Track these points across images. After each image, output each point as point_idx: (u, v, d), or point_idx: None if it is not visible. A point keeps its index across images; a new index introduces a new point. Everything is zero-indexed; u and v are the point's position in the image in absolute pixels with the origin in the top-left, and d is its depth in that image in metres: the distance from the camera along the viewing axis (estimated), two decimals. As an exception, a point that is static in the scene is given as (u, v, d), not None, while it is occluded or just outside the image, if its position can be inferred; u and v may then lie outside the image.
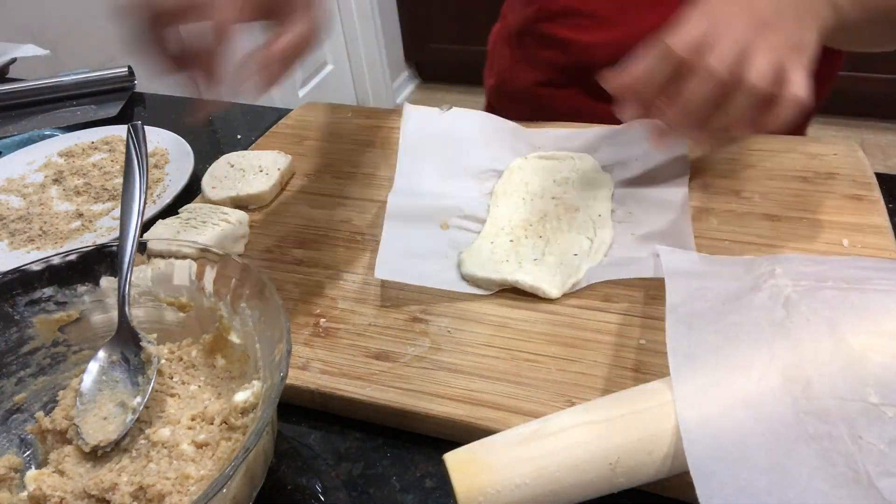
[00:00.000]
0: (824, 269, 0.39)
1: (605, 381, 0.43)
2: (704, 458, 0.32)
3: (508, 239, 0.56)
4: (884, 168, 2.11)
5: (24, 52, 1.06)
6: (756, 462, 0.32)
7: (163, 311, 0.46)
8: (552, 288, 0.50)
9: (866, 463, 0.31)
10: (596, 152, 0.64)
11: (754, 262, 0.43)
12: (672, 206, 0.56)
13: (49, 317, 0.44)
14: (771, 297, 0.38)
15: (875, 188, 0.57)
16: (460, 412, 0.42)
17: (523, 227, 0.57)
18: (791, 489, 0.31)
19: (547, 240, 0.55)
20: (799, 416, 0.32)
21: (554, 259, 0.52)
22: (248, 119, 0.87)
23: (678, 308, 0.41)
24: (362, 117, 0.78)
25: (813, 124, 0.84)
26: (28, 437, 0.42)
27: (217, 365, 0.44)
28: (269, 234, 0.61)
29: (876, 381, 0.32)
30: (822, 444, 0.31)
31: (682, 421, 0.33)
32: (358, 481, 0.42)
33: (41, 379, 0.44)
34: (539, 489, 0.34)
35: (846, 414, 0.32)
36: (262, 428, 0.32)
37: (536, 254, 0.54)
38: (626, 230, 0.55)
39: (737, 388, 0.34)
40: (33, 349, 0.44)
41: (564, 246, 0.54)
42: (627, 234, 0.55)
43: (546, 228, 0.56)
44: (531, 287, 0.50)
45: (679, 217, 0.55)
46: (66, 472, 0.39)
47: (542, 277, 0.50)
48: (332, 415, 0.46)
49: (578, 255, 0.52)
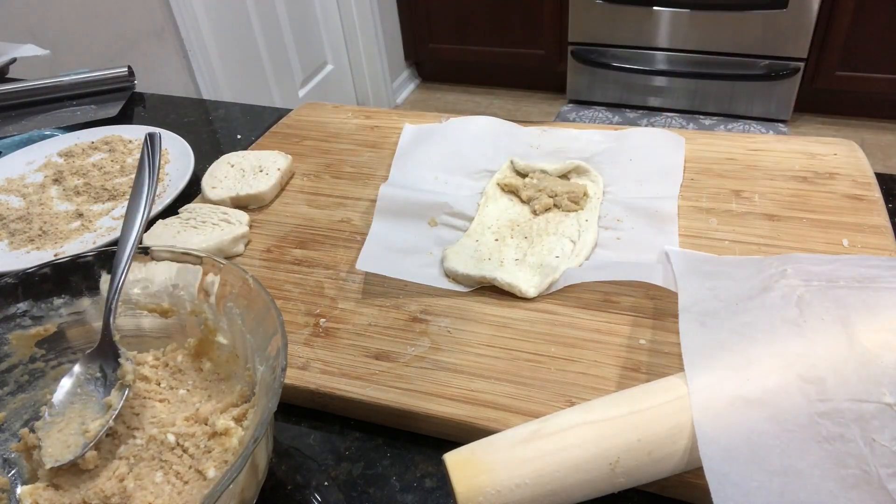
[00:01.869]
0: (835, 269, 0.40)
1: (605, 381, 0.43)
2: (719, 460, 0.32)
3: (494, 238, 0.56)
4: (884, 168, 2.10)
5: (24, 52, 1.06)
6: (769, 464, 0.32)
7: (142, 318, 0.46)
8: (529, 287, 0.50)
9: (878, 465, 0.31)
10: (590, 155, 0.64)
11: (763, 262, 0.43)
12: (660, 215, 0.56)
13: (25, 332, 0.43)
14: (783, 296, 0.38)
15: (875, 188, 0.57)
16: (460, 412, 0.42)
17: (510, 228, 0.57)
18: (803, 491, 0.31)
19: (531, 241, 0.55)
20: (813, 417, 0.32)
21: (535, 259, 0.53)
22: (248, 119, 0.87)
23: (691, 308, 0.41)
24: (362, 117, 0.77)
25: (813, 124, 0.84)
26: (11, 456, 0.41)
27: (204, 368, 0.44)
28: (269, 234, 0.61)
29: (890, 381, 0.33)
30: (835, 445, 0.32)
31: (697, 422, 0.33)
32: (358, 481, 0.42)
33: (20, 396, 0.43)
34: (539, 489, 0.34)
35: (860, 415, 0.32)
36: (266, 419, 0.32)
37: (518, 254, 0.54)
38: (612, 235, 0.55)
39: (751, 388, 0.34)
40: (10, 367, 0.43)
41: (547, 248, 0.54)
42: (613, 239, 0.55)
43: (532, 230, 0.56)
44: (508, 285, 0.50)
45: (666, 226, 0.55)
46: (61, 486, 0.38)
47: (520, 276, 0.51)
48: (332, 415, 0.46)
49: (560, 258, 0.52)
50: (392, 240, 0.56)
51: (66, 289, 0.44)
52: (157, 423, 0.41)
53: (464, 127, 0.69)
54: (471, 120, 0.70)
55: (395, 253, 0.54)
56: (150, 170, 0.47)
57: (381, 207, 0.58)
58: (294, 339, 0.49)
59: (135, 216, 0.45)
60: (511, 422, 0.40)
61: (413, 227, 0.58)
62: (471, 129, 0.68)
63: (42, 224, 0.67)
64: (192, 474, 0.38)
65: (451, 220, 0.59)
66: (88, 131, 0.83)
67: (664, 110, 2.53)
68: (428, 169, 0.64)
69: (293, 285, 0.54)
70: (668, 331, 0.46)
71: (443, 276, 0.53)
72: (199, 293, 0.43)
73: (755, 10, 2.19)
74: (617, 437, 0.35)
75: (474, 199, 0.61)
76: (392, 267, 0.53)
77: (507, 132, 0.68)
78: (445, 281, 0.52)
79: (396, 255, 0.54)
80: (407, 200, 0.59)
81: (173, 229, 0.58)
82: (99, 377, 0.42)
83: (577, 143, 0.66)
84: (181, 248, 0.44)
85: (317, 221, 0.62)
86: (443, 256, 0.54)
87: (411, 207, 0.59)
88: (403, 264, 0.53)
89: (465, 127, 0.69)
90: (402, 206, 0.59)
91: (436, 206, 0.59)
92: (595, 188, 0.60)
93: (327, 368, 0.46)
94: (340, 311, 0.51)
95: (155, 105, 0.94)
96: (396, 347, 0.47)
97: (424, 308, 0.50)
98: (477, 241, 0.55)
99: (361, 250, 0.54)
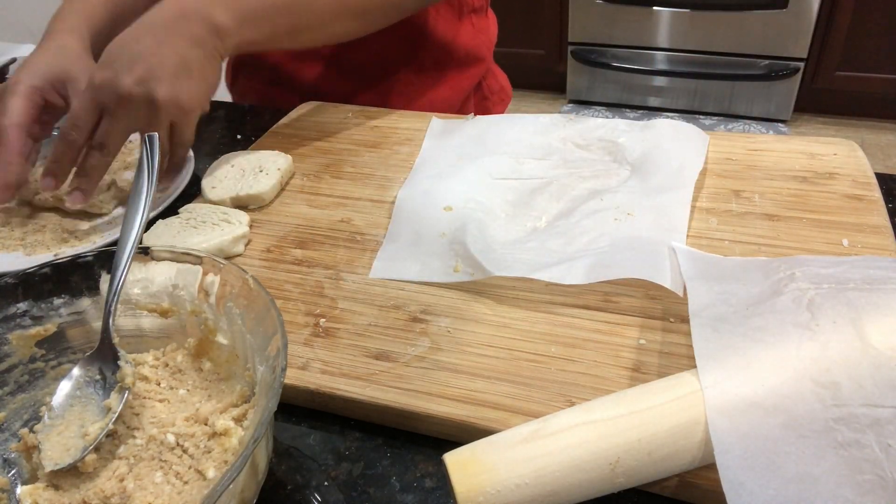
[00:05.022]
0: (843, 271, 0.39)
1: (605, 381, 0.43)
2: (735, 469, 0.32)
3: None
4: (884, 168, 2.11)
5: (24, 52, 1.06)
6: (785, 471, 0.32)
7: (142, 318, 0.46)
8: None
9: (893, 470, 0.31)
10: (618, 146, 0.64)
11: (770, 264, 0.43)
12: (671, 211, 0.55)
13: (25, 332, 0.43)
14: (794, 300, 0.38)
15: (875, 188, 0.57)
16: (460, 412, 0.42)
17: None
18: (818, 497, 0.31)
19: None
20: (828, 423, 0.32)
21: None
22: (249, 119, 0.87)
23: (701, 312, 0.41)
24: (362, 117, 0.78)
25: (813, 124, 0.84)
26: (11, 456, 0.41)
27: (204, 368, 0.44)
28: (269, 234, 0.61)
29: None
30: (851, 451, 0.32)
31: (712, 429, 0.34)
32: (358, 481, 0.42)
33: (20, 396, 0.43)
34: (539, 489, 0.34)
35: (875, 420, 0.32)
36: (266, 419, 0.32)
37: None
38: (621, 226, 0.54)
39: (766, 394, 0.34)
40: (10, 367, 0.42)
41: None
42: (621, 230, 0.54)
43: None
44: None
45: (675, 222, 0.54)
46: (60, 486, 0.38)
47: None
48: (332, 415, 0.46)
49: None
50: (407, 243, 0.56)
51: (66, 289, 0.44)
52: (157, 424, 0.41)
53: (493, 122, 0.70)
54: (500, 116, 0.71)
55: (409, 259, 0.55)
56: (148, 170, 0.47)
57: (398, 210, 0.60)
58: (294, 339, 0.49)
59: (134, 216, 0.45)
60: (511, 422, 0.40)
61: (429, 229, 0.58)
62: (501, 125, 0.69)
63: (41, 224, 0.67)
64: (192, 474, 0.38)
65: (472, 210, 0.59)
66: (88, 131, 0.83)
67: (664, 110, 2.53)
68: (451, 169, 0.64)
69: (293, 285, 0.54)
70: (668, 331, 0.46)
71: (454, 272, 0.53)
72: (199, 293, 0.43)
73: (755, 10, 2.19)
74: (617, 437, 0.35)
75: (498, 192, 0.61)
76: (406, 273, 0.53)
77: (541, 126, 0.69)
78: (458, 276, 0.52)
79: (409, 262, 0.55)
80: (424, 202, 0.60)
81: (173, 229, 0.58)
82: (98, 379, 0.42)
83: (604, 131, 0.66)
84: (181, 248, 0.44)
85: (317, 221, 0.62)
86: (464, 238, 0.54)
87: (428, 208, 0.59)
88: (418, 268, 0.54)
89: (495, 121, 0.70)
90: (418, 209, 0.59)
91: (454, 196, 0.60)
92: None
93: (327, 368, 0.46)
94: (340, 311, 0.51)
95: (155, 105, 0.94)
96: (396, 347, 0.47)
97: (424, 308, 0.50)
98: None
99: (376, 257, 0.56)
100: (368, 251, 0.57)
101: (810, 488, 0.31)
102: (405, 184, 0.64)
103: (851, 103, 2.31)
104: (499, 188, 0.61)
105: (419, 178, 0.64)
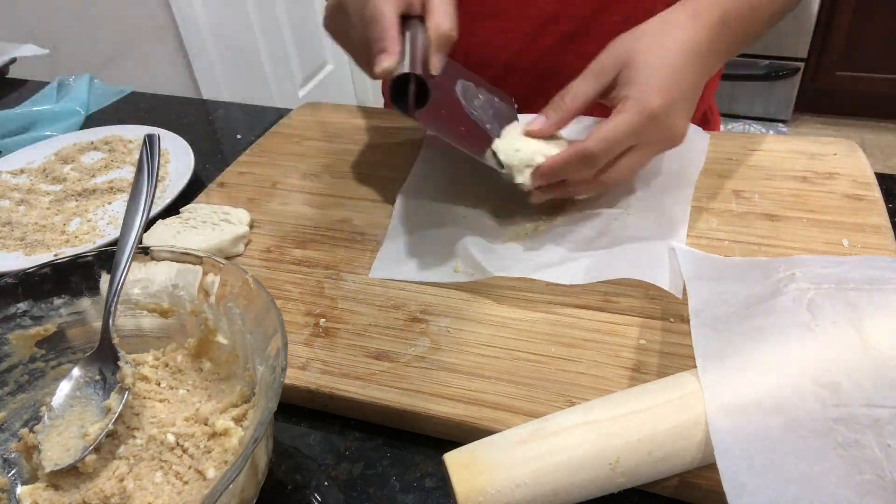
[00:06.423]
0: (843, 271, 0.39)
1: (605, 381, 0.43)
2: (736, 470, 0.32)
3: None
4: (884, 168, 2.10)
5: (24, 52, 1.06)
6: (785, 472, 0.32)
7: (142, 318, 0.46)
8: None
9: (893, 471, 0.31)
10: None
11: (770, 265, 0.43)
12: (670, 210, 0.55)
13: (25, 332, 0.43)
14: (794, 300, 0.38)
15: (875, 188, 0.57)
16: (460, 412, 0.42)
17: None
18: (818, 498, 0.31)
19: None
20: (828, 423, 0.32)
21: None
22: (248, 119, 0.87)
23: (701, 312, 0.41)
24: (362, 117, 0.77)
25: (813, 124, 0.84)
26: (11, 456, 0.41)
27: (204, 368, 0.44)
28: (269, 234, 0.61)
29: None
30: (851, 451, 0.32)
31: (713, 430, 0.34)
32: (358, 481, 0.42)
33: (20, 396, 0.43)
34: (539, 489, 0.34)
35: (875, 420, 0.32)
36: (266, 419, 0.32)
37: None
38: (618, 224, 0.54)
39: (766, 395, 0.34)
40: (10, 367, 0.42)
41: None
42: (619, 228, 0.54)
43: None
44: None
45: (674, 223, 0.54)
46: (60, 486, 0.38)
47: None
48: (332, 415, 0.46)
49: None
50: (408, 244, 0.56)
51: (66, 289, 0.44)
52: (157, 424, 0.41)
53: None
54: None
55: (411, 258, 0.55)
56: (148, 170, 0.47)
57: (399, 212, 0.59)
58: (294, 339, 0.49)
59: (134, 216, 0.45)
60: (511, 422, 0.40)
61: (430, 227, 0.57)
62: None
63: (42, 224, 0.67)
64: (192, 474, 0.38)
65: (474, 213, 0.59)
66: (88, 131, 0.83)
67: (664, 110, 2.53)
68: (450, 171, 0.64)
69: (293, 285, 0.54)
70: (668, 331, 0.46)
71: (455, 273, 0.53)
72: (199, 293, 0.43)
73: (755, 10, 2.18)
74: (617, 437, 0.35)
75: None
76: (408, 273, 0.53)
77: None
78: (460, 276, 0.52)
79: (412, 261, 0.54)
80: (427, 203, 0.60)
81: (173, 229, 0.58)
82: (98, 380, 0.42)
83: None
84: (181, 248, 0.44)
85: (317, 221, 0.62)
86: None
87: (431, 208, 0.59)
88: (419, 268, 0.54)
89: None
90: (420, 209, 0.59)
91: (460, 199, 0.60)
92: None
93: (327, 368, 0.46)
94: (340, 311, 0.51)
95: (155, 105, 0.94)
96: (396, 347, 0.47)
97: (424, 308, 0.50)
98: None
99: (377, 257, 0.55)
100: (368, 251, 0.57)
101: (810, 488, 0.31)
102: (405, 184, 0.64)
103: (851, 103, 2.31)
104: (499, 188, 0.61)
105: (419, 178, 0.65)
